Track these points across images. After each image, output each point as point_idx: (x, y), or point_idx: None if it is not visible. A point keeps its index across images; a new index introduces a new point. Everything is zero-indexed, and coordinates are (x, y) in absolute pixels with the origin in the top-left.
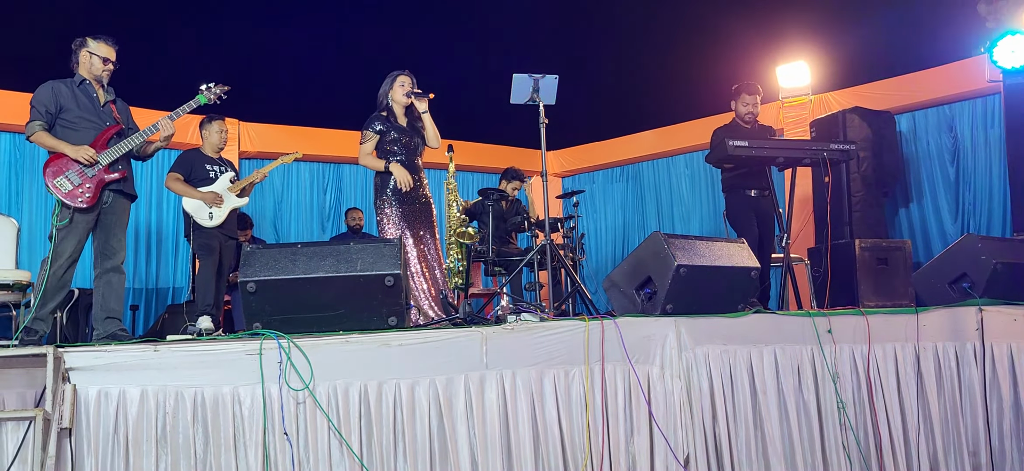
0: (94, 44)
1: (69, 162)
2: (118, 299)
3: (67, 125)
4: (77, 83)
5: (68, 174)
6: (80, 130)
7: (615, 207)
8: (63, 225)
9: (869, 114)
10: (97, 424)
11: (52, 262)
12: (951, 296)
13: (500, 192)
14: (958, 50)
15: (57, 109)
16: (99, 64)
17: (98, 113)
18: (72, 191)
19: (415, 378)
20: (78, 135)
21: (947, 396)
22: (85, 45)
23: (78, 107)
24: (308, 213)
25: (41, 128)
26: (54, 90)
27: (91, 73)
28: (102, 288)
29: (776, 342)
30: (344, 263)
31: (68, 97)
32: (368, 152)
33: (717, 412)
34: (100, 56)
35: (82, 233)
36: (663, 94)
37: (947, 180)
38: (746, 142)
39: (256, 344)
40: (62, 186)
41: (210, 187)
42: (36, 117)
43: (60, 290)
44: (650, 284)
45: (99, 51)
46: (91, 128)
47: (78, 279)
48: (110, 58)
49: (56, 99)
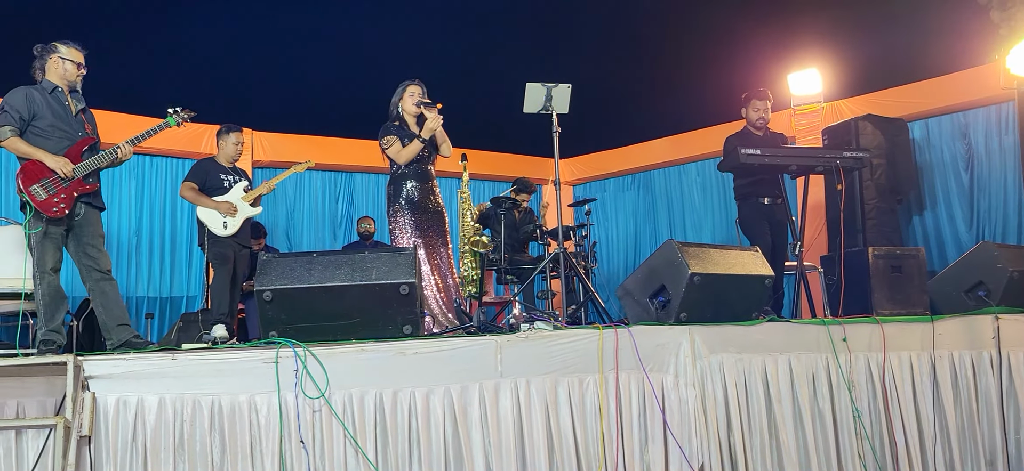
0: (65, 49)
1: (44, 170)
2: (120, 306)
3: (39, 133)
4: (49, 91)
5: (43, 182)
6: (52, 139)
7: (627, 215)
8: (36, 232)
9: (882, 121)
10: (116, 432)
11: (40, 276)
12: (967, 304)
13: (512, 200)
14: (971, 57)
15: (30, 116)
16: (73, 70)
17: (69, 122)
18: (46, 200)
19: (430, 386)
20: (50, 144)
21: (963, 405)
22: (54, 51)
23: (51, 115)
24: (320, 222)
25: (14, 134)
26: (28, 96)
27: (65, 80)
28: (99, 299)
29: (791, 350)
30: (359, 272)
31: (41, 104)
32: (400, 149)
33: (731, 421)
34: (72, 62)
35: (58, 241)
36: (675, 102)
37: (961, 187)
38: (759, 150)
39: (272, 353)
40: (37, 194)
41: (224, 196)
42: (8, 121)
43: (59, 299)
44: (664, 292)
45: (71, 57)
46: (63, 137)
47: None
48: (80, 62)
49: (30, 105)
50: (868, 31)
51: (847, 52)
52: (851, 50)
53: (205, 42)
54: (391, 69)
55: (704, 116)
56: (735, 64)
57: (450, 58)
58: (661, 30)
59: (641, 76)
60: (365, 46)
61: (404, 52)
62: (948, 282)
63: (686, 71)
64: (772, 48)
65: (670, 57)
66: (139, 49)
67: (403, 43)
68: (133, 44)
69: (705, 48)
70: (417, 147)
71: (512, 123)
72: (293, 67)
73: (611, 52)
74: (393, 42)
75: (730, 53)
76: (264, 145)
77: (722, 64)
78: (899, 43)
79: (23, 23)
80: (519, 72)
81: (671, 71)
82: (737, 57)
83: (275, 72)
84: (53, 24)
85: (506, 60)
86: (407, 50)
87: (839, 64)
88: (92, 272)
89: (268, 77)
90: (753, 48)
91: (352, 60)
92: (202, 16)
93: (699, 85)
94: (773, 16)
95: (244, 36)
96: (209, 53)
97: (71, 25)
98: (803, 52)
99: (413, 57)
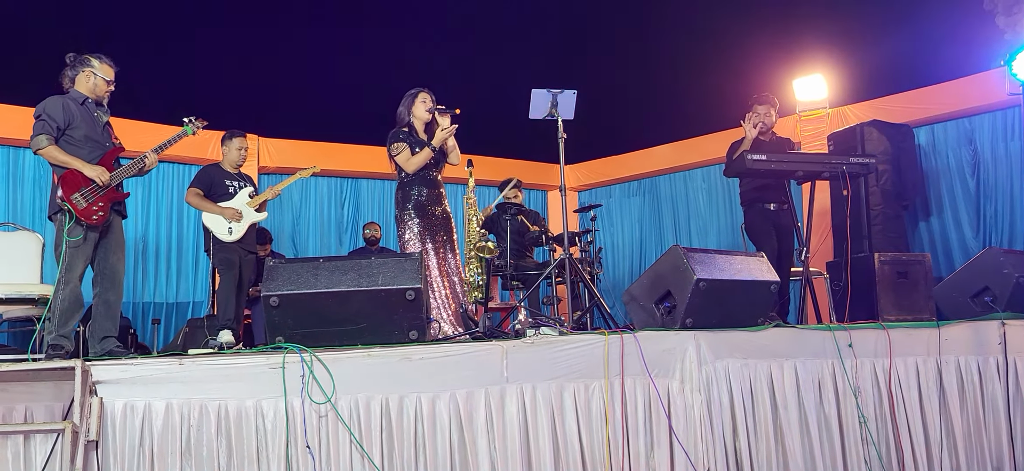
0: (97, 64)
1: (83, 179)
2: (114, 320)
3: (72, 142)
4: (79, 102)
5: (83, 191)
6: (84, 148)
7: (632, 221)
8: (75, 240)
9: (887, 127)
10: (123, 436)
11: (66, 280)
12: (973, 310)
13: (518, 207)
14: (976, 63)
15: (65, 125)
16: (103, 85)
17: (99, 133)
18: (86, 208)
19: (436, 391)
20: (83, 153)
21: (970, 411)
22: (87, 64)
23: (84, 125)
24: (326, 227)
25: (50, 142)
26: (64, 106)
27: (95, 93)
28: (101, 308)
29: (797, 356)
30: (366, 277)
31: (75, 114)
32: (409, 157)
33: (737, 426)
34: (103, 77)
35: (91, 249)
36: (680, 107)
37: (967, 193)
38: (765, 156)
39: (279, 358)
40: (78, 203)
41: (229, 202)
42: (46, 130)
43: (78, 306)
44: (669, 298)
45: (102, 72)
46: (94, 147)
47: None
48: (111, 80)
49: (66, 115)
50: (873, 36)
51: (852, 58)
52: (856, 55)
53: (211, 49)
54: (397, 75)
55: (709, 122)
56: (740, 69)
57: (455, 64)
58: (667, 35)
59: (647, 82)
60: (371, 52)
61: (409, 58)
62: (954, 287)
63: (691, 76)
64: (777, 54)
65: (676, 62)
66: (144, 55)
67: (408, 49)
68: (138, 50)
69: (710, 53)
70: (428, 155)
71: (518, 129)
72: (299, 74)
73: (617, 57)
74: (399, 48)
75: (735, 58)
76: (270, 151)
77: (727, 70)
78: (904, 49)
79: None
80: (524, 78)
81: (677, 76)
82: (742, 63)
83: (281, 78)
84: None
85: (511, 66)
86: (412, 56)
87: (844, 69)
88: (106, 280)
89: (274, 83)
90: (758, 54)
91: (358, 66)
92: (208, 23)
93: (704, 91)
94: (778, 22)
95: (250, 43)
96: (215, 59)
97: (78, 29)
98: (808, 57)
99: (419, 63)
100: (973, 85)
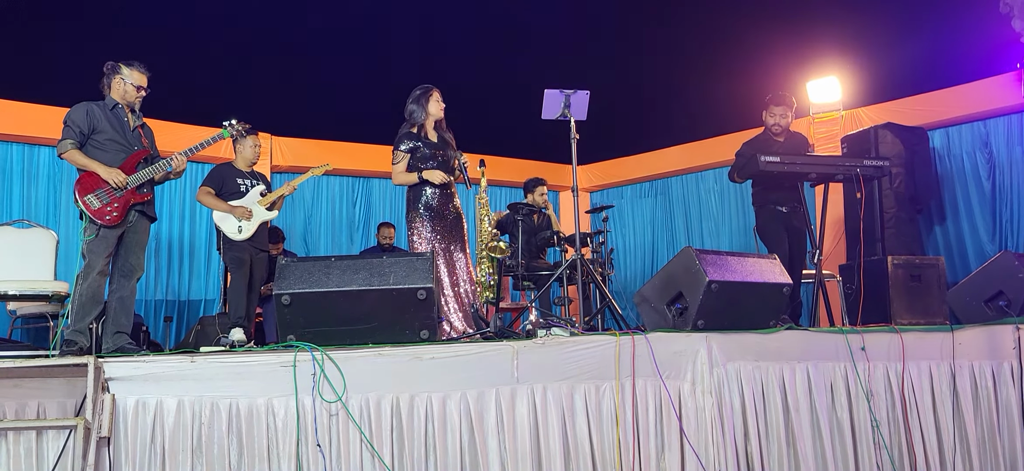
0: (127, 71)
1: (99, 181)
2: (128, 316)
3: (97, 146)
4: (109, 107)
5: (98, 192)
6: (109, 152)
7: (644, 222)
8: (90, 239)
9: (902, 130)
10: (135, 433)
11: (85, 276)
12: (987, 314)
13: (529, 206)
14: (991, 66)
15: (90, 130)
16: (132, 91)
17: (127, 137)
18: (100, 209)
19: (447, 391)
20: (107, 156)
21: (984, 416)
22: (118, 72)
23: (110, 129)
24: (338, 226)
25: (73, 146)
26: (89, 111)
27: (125, 99)
28: (115, 304)
29: (809, 359)
30: (377, 277)
31: (101, 119)
32: (401, 171)
33: (749, 429)
34: (133, 84)
35: (110, 247)
36: (692, 109)
37: (983, 196)
38: (778, 158)
39: (290, 356)
40: (91, 203)
41: (241, 201)
42: (70, 135)
43: (95, 303)
44: (681, 299)
45: (132, 78)
46: (120, 151)
47: None
48: (143, 85)
49: (90, 120)
50: (887, 39)
51: (866, 60)
52: (870, 58)
53: (225, 47)
54: (409, 74)
55: (722, 123)
56: (753, 71)
57: (468, 64)
58: (680, 37)
59: (659, 83)
60: (383, 51)
61: (423, 57)
62: (968, 292)
63: (704, 78)
64: (791, 55)
65: (688, 64)
66: (159, 55)
67: (422, 48)
68: (154, 49)
69: (723, 55)
70: (412, 179)
71: (530, 129)
72: (312, 73)
73: (629, 58)
74: (412, 47)
75: (748, 60)
76: (283, 150)
77: (740, 71)
78: (919, 51)
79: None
80: (537, 78)
81: (689, 78)
82: (755, 64)
83: (294, 77)
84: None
85: (524, 66)
86: (426, 55)
87: (858, 72)
88: (123, 278)
89: (287, 82)
90: (772, 55)
91: (370, 65)
92: (221, 21)
93: (717, 92)
94: (792, 23)
95: (263, 41)
96: (228, 58)
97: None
98: (822, 59)
99: (432, 62)
100: (988, 88)
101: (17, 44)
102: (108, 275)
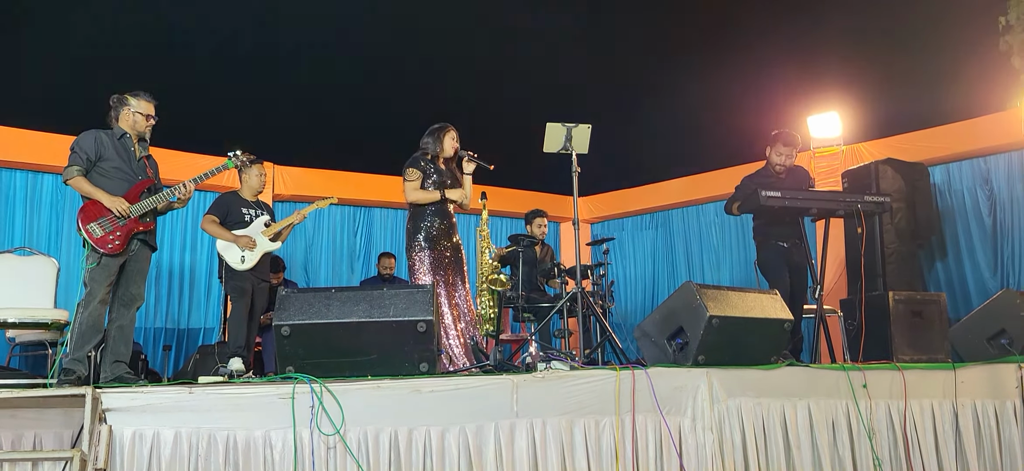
0: (135, 101)
1: (103, 210)
2: (127, 345)
3: (102, 173)
4: (117, 136)
5: (101, 221)
6: (114, 180)
7: (645, 254)
8: (92, 267)
9: (902, 165)
10: (131, 465)
11: (86, 304)
12: (989, 352)
13: (531, 238)
14: (992, 103)
15: (97, 157)
16: (142, 121)
17: (132, 166)
18: (103, 237)
19: (445, 425)
20: (111, 184)
21: (987, 455)
22: (125, 103)
23: (116, 157)
24: (339, 256)
25: (79, 173)
26: (97, 139)
27: (135, 129)
28: (115, 333)
29: (810, 396)
30: (377, 308)
31: (108, 147)
32: (416, 187)
33: (750, 466)
34: (142, 113)
35: (112, 276)
36: (693, 142)
37: (984, 233)
38: (779, 193)
39: (288, 388)
40: (94, 232)
41: (245, 230)
42: (76, 162)
43: (95, 331)
44: (682, 334)
45: (140, 108)
46: (124, 180)
47: None
48: (151, 113)
49: (97, 148)
50: (888, 75)
51: (867, 95)
52: (871, 94)
53: (227, 75)
54: (411, 106)
55: (723, 156)
56: (754, 105)
57: (470, 96)
58: (681, 71)
59: (660, 116)
60: (385, 81)
61: (423, 84)
62: (970, 329)
63: (705, 111)
64: (792, 90)
65: (689, 97)
66: (164, 82)
67: (423, 79)
68: (157, 77)
69: (725, 89)
70: (434, 197)
71: (531, 161)
72: (314, 103)
73: (630, 91)
74: (412, 76)
75: (750, 94)
76: (285, 179)
77: (741, 105)
78: (919, 88)
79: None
80: (539, 111)
81: (690, 111)
82: (757, 99)
83: (297, 108)
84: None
85: (526, 98)
86: (427, 83)
87: (859, 107)
88: (123, 307)
89: (290, 113)
90: (773, 90)
91: (372, 94)
92: (224, 50)
93: (718, 126)
94: (794, 59)
95: (266, 70)
96: (231, 86)
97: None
98: (823, 95)
99: (433, 94)
100: (989, 125)
101: (21, 71)
102: (108, 303)
